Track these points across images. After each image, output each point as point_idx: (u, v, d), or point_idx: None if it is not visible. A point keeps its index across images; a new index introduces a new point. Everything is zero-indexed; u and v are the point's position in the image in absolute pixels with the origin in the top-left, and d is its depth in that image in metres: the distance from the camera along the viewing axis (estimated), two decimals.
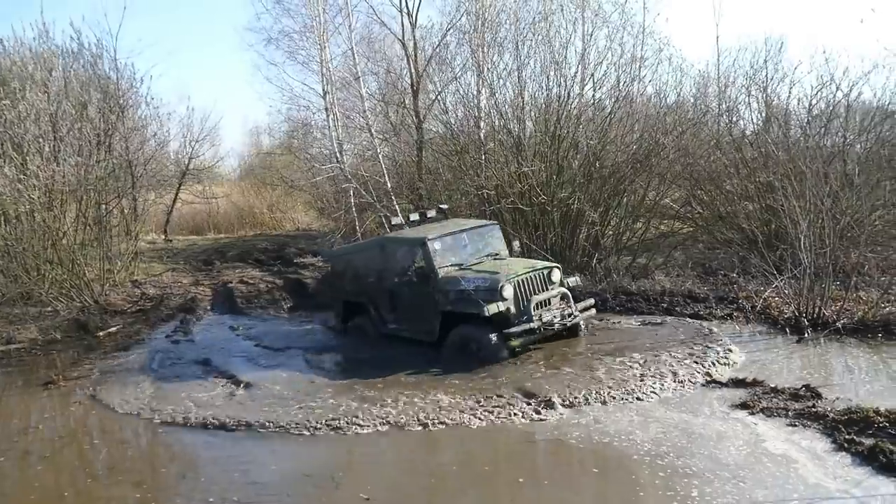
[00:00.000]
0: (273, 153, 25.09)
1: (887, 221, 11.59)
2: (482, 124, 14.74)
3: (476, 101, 15.00)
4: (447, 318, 8.51)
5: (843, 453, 5.32)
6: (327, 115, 17.10)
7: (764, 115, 14.32)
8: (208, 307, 12.71)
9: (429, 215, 10.24)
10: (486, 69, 14.70)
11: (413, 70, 17.24)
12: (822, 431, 5.71)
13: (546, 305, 8.48)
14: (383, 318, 9.42)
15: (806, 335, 8.57)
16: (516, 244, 9.87)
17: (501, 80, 14.28)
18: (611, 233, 13.36)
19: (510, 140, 13.42)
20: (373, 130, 16.56)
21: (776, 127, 13.36)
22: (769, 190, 11.79)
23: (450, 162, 14.74)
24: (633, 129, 13.43)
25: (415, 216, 10.17)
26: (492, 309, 8.01)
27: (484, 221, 10.26)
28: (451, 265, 8.85)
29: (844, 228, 10.70)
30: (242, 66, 64.52)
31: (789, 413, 6.14)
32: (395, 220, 9.94)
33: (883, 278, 10.03)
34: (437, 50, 16.90)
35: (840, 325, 8.65)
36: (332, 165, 16.83)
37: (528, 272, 8.60)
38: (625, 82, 13.44)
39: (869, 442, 5.34)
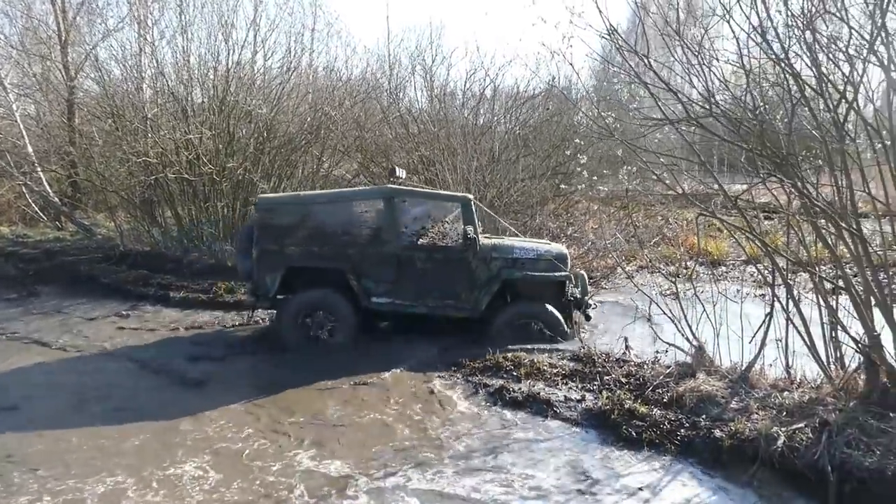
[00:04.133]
0: None
1: (523, 192, 13.44)
2: (144, 86, 13.50)
3: (137, 60, 13.67)
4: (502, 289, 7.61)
5: (481, 393, 6.15)
6: None
7: (427, 93, 15.52)
8: None
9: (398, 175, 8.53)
10: (146, 26, 13.50)
11: (59, 17, 15.09)
12: (465, 378, 6.51)
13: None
14: (368, 289, 7.51)
15: None
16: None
17: (165, 40, 13.24)
18: None
19: (176, 105, 12.51)
20: (6, 84, 14.15)
21: (437, 105, 14.55)
22: (431, 163, 12.83)
23: (104, 125, 13.25)
24: (306, 100, 13.51)
25: (402, 173, 8.69)
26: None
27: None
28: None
29: (492, 199, 12.18)
30: None
31: (439, 366, 6.85)
32: (399, 172, 8.43)
33: None
34: None
35: None
36: None
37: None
38: (296, 52, 13.44)
39: (498, 383, 6.23)
